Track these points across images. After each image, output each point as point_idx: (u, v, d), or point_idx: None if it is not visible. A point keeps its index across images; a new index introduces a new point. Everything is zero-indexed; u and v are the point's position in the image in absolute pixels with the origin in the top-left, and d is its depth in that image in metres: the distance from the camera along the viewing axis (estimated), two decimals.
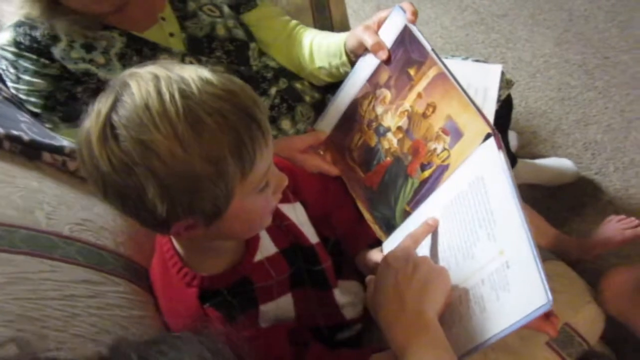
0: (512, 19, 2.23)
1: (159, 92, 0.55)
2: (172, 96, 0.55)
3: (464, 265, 0.70)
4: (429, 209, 0.82)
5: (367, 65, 0.90)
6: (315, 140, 0.98)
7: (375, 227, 0.92)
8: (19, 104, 0.95)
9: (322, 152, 0.99)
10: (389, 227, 0.90)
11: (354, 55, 0.93)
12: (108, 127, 0.56)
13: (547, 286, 0.56)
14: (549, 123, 1.85)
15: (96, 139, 0.56)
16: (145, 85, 0.56)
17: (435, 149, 0.81)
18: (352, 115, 0.94)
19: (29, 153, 0.87)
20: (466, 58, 1.15)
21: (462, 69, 0.81)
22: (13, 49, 0.90)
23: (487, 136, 0.74)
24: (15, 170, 0.86)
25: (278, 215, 0.82)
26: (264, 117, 0.61)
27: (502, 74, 1.05)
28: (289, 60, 1.10)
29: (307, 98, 1.07)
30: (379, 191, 0.90)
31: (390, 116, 0.87)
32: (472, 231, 0.71)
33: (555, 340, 0.83)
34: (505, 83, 1.13)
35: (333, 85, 1.05)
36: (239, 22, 1.06)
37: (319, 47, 1.02)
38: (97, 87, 0.88)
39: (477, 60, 1.13)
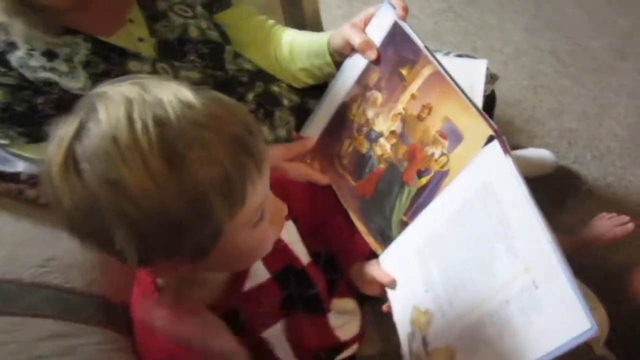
0: (481, 6, 2.19)
1: (130, 120, 0.46)
2: (144, 125, 0.46)
3: (483, 283, 0.64)
4: (427, 219, 0.76)
5: (354, 65, 0.83)
6: (303, 148, 0.91)
7: (369, 239, 0.86)
8: None
9: (308, 160, 0.92)
10: (385, 239, 0.83)
11: (339, 55, 0.86)
12: (70, 159, 0.47)
13: (587, 309, 0.51)
14: (523, 112, 1.82)
15: (57, 171, 0.48)
16: (115, 110, 0.47)
17: (432, 154, 0.75)
18: (341, 120, 0.87)
19: None
20: (448, 53, 1.10)
21: (446, 65, 0.76)
22: None
23: (490, 139, 0.69)
24: None
25: None
26: (258, 142, 0.52)
27: (487, 68, 1.00)
28: (267, 61, 1.01)
29: (286, 102, 0.99)
30: (373, 200, 0.84)
31: (382, 120, 0.80)
32: (489, 246, 0.64)
33: None
34: (490, 78, 1.07)
35: (312, 88, 0.97)
36: (213, 23, 0.97)
37: (300, 47, 0.94)
38: (60, 98, 0.80)
39: (460, 55, 1.07)
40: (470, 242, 0.67)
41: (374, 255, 0.86)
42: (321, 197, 0.91)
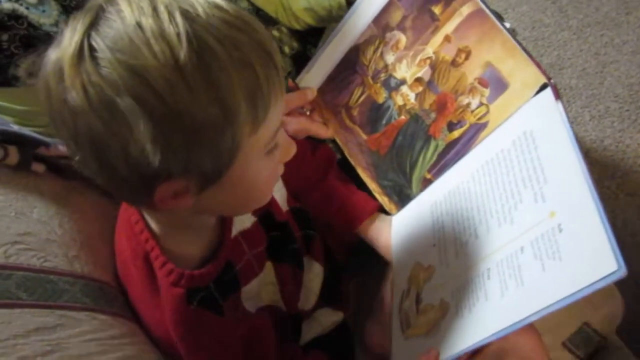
0: None
1: (155, 10, 0.41)
2: (171, 16, 0.41)
3: (498, 233, 0.56)
4: (456, 176, 0.65)
5: (371, 2, 0.68)
6: (302, 100, 0.76)
7: (383, 199, 0.74)
8: None
9: (308, 112, 0.77)
10: (402, 197, 0.72)
11: None
12: (86, 47, 0.40)
13: (617, 250, 0.43)
14: None
15: (69, 63, 0.40)
16: (137, 1, 0.42)
17: (468, 104, 0.64)
18: (351, 66, 0.72)
19: None
20: None
21: None
22: None
23: (542, 87, 0.58)
24: None
25: None
26: (280, 60, 0.47)
27: None
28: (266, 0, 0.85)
29: (286, 49, 0.83)
30: (389, 156, 0.72)
31: (406, 65, 0.67)
32: (513, 193, 0.56)
33: (573, 340, 0.73)
34: None
35: (315, 34, 0.82)
36: None
37: None
38: (28, 35, 0.63)
39: None
40: (493, 192, 0.59)
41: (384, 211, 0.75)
42: (312, 157, 0.78)
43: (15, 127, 0.68)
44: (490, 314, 0.51)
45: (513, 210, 0.55)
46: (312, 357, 0.71)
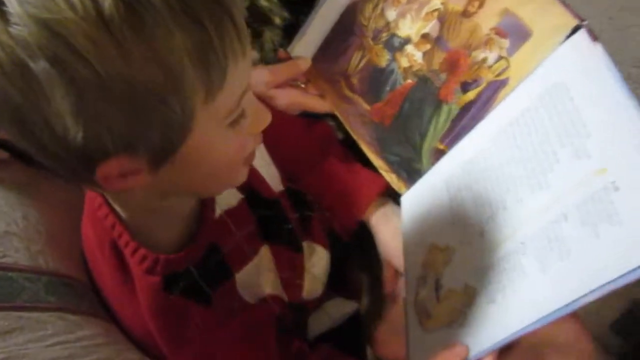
0: None
1: None
2: None
3: (532, 202, 0.47)
4: (474, 143, 0.56)
5: None
6: (295, 70, 0.67)
7: (390, 177, 0.65)
8: None
9: (302, 85, 0.68)
10: (412, 173, 0.63)
11: None
12: None
13: None
14: None
15: None
16: None
17: (484, 59, 0.54)
18: (347, 28, 0.63)
19: None
20: None
21: None
22: None
23: (574, 29, 0.49)
24: None
25: None
26: (240, 13, 0.38)
27: None
28: None
29: (276, 19, 0.74)
30: (394, 126, 0.62)
31: (410, 21, 0.58)
32: (547, 153, 0.47)
33: (621, 323, 0.62)
34: None
35: (307, 3, 0.73)
36: None
37: None
38: None
39: None
40: (521, 156, 0.50)
41: (391, 194, 0.65)
42: (307, 136, 0.69)
43: None
44: (528, 297, 0.42)
45: (548, 172, 0.46)
46: (319, 352, 0.63)
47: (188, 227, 0.50)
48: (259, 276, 0.57)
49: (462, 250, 0.51)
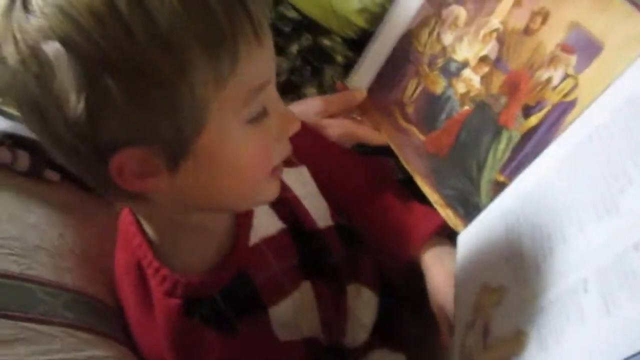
0: None
1: None
2: None
3: (597, 230, 0.38)
4: (536, 172, 0.49)
5: None
6: (349, 102, 0.65)
7: (446, 212, 0.58)
8: None
9: (358, 117, 0.66)
10: (470, 208, 0.56)
11: None
12: (17, 7, 0.33)
13: None
14: None
15: (1, 14, 0.34)
16: None
17: (549, 80, 0.48)
18: (403, 56, 0.61)
19: None
20: None
21: None
22: None
23: None
24: None
25: None
26: (258, 7, 0.36)
27: None
28: (318, 7, 0.76)
29: (339, 58, 0.74)
30: (451, 158, 0.57)
31: (467, 44, 0.54)
32: (617, 176, 0.39)
33: None
34: None
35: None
36: None
37: None
38: None
39: None
40: (586, 181, 0.42)
41: (447, 231, 0.58)
42: (361, 168, 0.65)
43: (28, 132, 0.64)
44: (587, 344, 0.33)
45: (618, 197, 0.37)
46: None
47: (220, 253, 0.48)
48: (297, 314, 0.53)
49: (515, 291, 0.42)
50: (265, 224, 0.52)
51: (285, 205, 0.54)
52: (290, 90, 0.78)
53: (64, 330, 0.43)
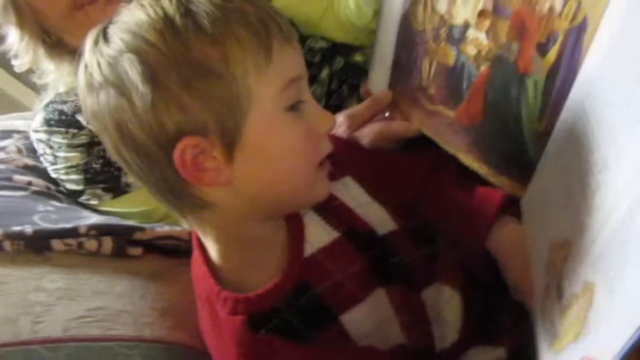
0: None
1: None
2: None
3: (629, 149, 0.33)
4: (574, 104, 0.43)
5: None
6: (376, 107, 0.64)
7: (501, 180, 0.54)
8: (54, 192, 0.80)
9: (388, 114, 0.64)
10: (522, 169, 0.51)
11: None
12: (101, 34, 0.43)
13: None
14: None
15: (88, 49, 0.44)
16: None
17: (551, 9, 0.44)
18: (408, 40, 0.59)
19: (35, 245, 0.64)
20: None
21: None
22: (45, 128, 0.78)
23: None
24: (13, 272, 0.60)
25: None
26: (282, 17, 0.44)
27: None
28: (342, 29, 0.81)
29: None
30: (487, 123, 0.53)
31: (462, 3, 0.51)
32: None
33: None
34: None
35: None
36: None
37: None
38: None
39: None
40: (616, 94, 0.37)
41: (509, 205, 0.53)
42: (411, 163, 0.63)
43: (111, 220, 0.70)
44: None
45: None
46: None
47: (278, 268, 0.49)
48: (374, 321, 0.52)
49: (578, 239, 0.37)
50: (318, 234, 0.52)
51: (335, 213, 0.54)
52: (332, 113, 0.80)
53: None
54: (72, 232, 0.66)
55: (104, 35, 0.43)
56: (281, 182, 0.45)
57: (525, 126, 0.49)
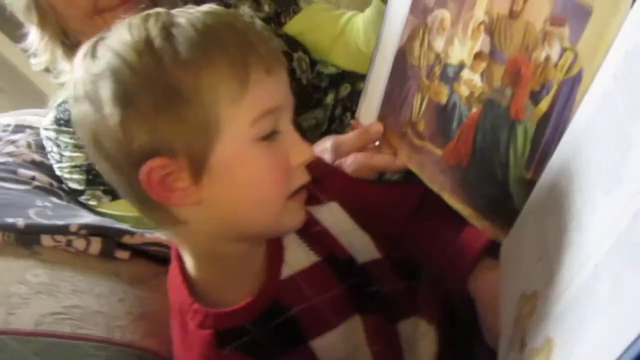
0: None
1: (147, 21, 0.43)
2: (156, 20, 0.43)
3: (604, 207, 0.32)
4: (558, 159, 0.42)
5: None
6: (364, 139, 0.63)
7: (483, 224, 0.52)
8: (55, 189, 0.80)
9: (377, 143, 0.63)
10: (506, 214, 0.49)
11: None
12: (90, 49, 0.43)
13: None
14: None
15: (79, 62, 0.44)
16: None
17: (547, 58, 0.42)
18: (402, 75, 0.57)
19: (25, 239, 0.64)
20: None
21: None
22: (54, 127, 0.79)
23: None
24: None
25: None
26: (267, 48, 0.43)
27: None
28: (351, 57, 0.82)
29: None
30: (473, 165, 0.51)
31: (459, 44, 0.50)
32: (619, 141, 0.33)
33: None
34: None
35: None
36: (277, 33, 0.83)
37: (368, 18, 0.75)
38: None
39: None
40: (596, 155, 0.36)
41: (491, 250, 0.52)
42: (398, 199, 0.62)
43: (104, 221, 0.70)
44: (603, 337, 0.26)
45: (620, 164, 0.31)
46: None
47: (253, 287, 0.48)
48: (347, 349, 0.51)
49: (545, 293, 0.36)
50: (298, 257, 0.52)
51: (317, 237, 0.54)
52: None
53: None
54: (63, 230, 0.66)
55: (93, 50, 0.43)
56: (248, 209, 0.44)
57: (511, 173, 0.48)
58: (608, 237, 0.29)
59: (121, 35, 0.42)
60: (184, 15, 0.43)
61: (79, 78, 0.43)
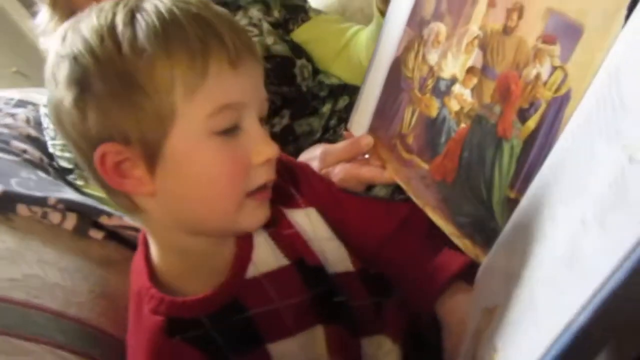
0: None
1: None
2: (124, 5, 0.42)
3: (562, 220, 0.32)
4: (544, 186, 0.40)
5: (400, 5, 0.54)
6: (354, 151, 0.61)
7: (464, 243, 0.50)
8: (45, 165, 0.79)
9: (367, 156, 0.62)
10: (488, 234, 0.47)
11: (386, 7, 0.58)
12: (64, 32, 0.42)
13: None
14: None
15: (55, 44, 0.43)
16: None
17: (537, 76, 0.41)
18: (395, 86, 0.56)
19: (1, 205, 0.62)
20: None
21: None
22: None
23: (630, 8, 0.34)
24: None
25: (279, 220, 0.51)
26: (236, 38, 0.41)
27: None
28: (353, 70, 0.82)
29: None
30: (458, 182, 0.50)
31: (452, 58, 0.49)
32: (587, 161, 0.32)
33: None
34: None
35: None
36: (283, 39, 0.83)
37: (371, 34, 0.75)
38: None
39: None
40: (569, 174, 0.35)
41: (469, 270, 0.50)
42: (381, 214, 0.59)
43: (85, 200, 0.69)
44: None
45: (584, 178, 0.30)
46: None
47: (215, 282, 0.47)
48: (307, 358, 0.49)
49: (502, 307, 0.34)
50: (266, 258, 0.50)
51: (289, 241, 0.52)
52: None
53: (43, 347, 0.45)
54: (41, 201, 0.64)
55: (65, 33, 0.42)
56: (201, 205, 0.43)
57: (495, 191, 0.46)
58: (558, 248, 0.27)
59: (90, 19, 0.41)
60: (154, 2, 0.42)
61: (50, 60, 0.43)
